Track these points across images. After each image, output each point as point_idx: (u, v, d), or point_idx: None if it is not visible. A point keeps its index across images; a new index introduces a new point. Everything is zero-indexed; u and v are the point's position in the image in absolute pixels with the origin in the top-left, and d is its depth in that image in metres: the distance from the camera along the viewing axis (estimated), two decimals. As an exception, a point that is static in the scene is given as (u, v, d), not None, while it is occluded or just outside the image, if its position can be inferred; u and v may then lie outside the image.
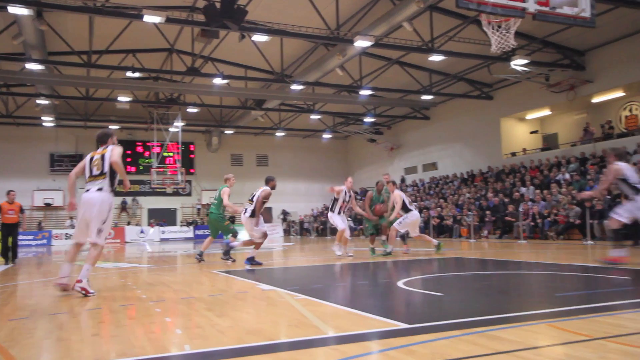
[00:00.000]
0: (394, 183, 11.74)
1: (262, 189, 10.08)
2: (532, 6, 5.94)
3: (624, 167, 7.69)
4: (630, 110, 20.93)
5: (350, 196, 11.35)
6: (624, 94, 20.22)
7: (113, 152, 6.31)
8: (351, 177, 11.70)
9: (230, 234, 10.83)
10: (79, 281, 5.97)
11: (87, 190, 6.26)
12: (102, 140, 6.55)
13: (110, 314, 5.01)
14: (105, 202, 6.17)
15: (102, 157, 6.31)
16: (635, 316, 4.18)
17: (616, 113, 21.29)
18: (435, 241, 11.96)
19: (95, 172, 6.29)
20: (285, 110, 28.76)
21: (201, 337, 3.78)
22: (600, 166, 17.77)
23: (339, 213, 11.33)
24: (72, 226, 29.72)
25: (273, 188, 10.23)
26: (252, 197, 10.10)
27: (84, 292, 5.95)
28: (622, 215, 7.69)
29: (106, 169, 6.26)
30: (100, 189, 6.20)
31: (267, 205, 10.45)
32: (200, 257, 11.10)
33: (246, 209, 10.04)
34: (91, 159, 6.42)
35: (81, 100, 25.61)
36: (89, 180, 6.32)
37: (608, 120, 20.53)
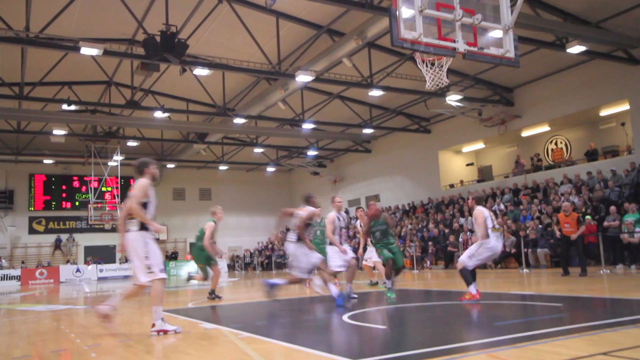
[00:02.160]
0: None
1: (305, 211, 7.92)
2: (462, 46, 6.29)
3: (485, 211, 7.81)
4: (556, 144, 22.28)
5: (345, 220, 8.93)
6: (549, 128, 21.54)
7: (132, 194, 5.65)
8: (339, 197, 9.22)
9: (196, 273, 10.50)
10: (153, 325, 5.63)
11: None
12: (139, 170, 5.90)
13: (41, 361, 4.73)
14: (135, 240, 5.65)
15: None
16: (568, 342, 4.38)
17: (543, 146, 22.60)
18: (375, 279, 12.29)
19: None
20: (228, 143, 28.62)
21: (140, 382, 3.62)
22: (532, 197, 18.73)
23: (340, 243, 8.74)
24: (1, 267, 27.87)
25: (317, 207, 8.15)
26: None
27: (161, 333, 5.59)
28: (470, 260, 7.61)
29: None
30: (128, 230, 5.70)
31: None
32: (214, 295, 10.22)
33: (292, 236, 7.99)
34: None
35: (12, 134, 24.45)
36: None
37: (536, 153, 21.77)
